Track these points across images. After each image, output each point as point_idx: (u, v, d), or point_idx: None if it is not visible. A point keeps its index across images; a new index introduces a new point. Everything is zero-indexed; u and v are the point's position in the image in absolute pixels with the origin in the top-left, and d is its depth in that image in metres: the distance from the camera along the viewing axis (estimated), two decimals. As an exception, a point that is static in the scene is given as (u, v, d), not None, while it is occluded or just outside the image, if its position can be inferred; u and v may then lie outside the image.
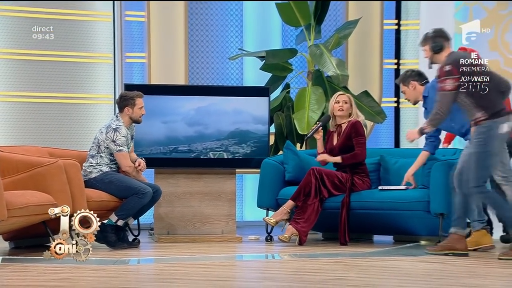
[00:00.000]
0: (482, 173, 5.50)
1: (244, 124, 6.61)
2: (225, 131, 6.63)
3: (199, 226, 6.64)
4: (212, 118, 6.61)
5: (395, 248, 6.19)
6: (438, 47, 5.60)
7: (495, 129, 5.46)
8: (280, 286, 4.34)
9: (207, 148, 6.57)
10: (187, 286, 4.24)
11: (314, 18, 7.62)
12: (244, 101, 6.73)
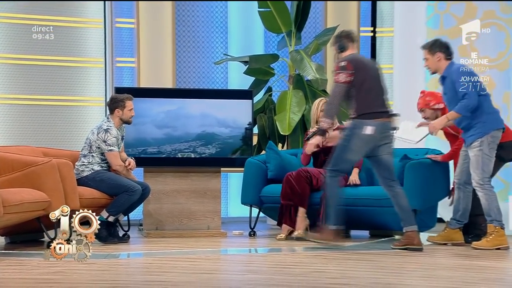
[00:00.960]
0: (342, 166, 5.64)
1: (209, 127, 6.64)
2: (193, 133, 6.65)
3: (186, 222, 6.64)
4: (181, 121, 6.63)
5: (371, 242, 6.22)
6: (342, 47, 5.72)
7: (359, 129, 5.56)
8: (262, 279, 4.36)
9: (176, 149, 6.59)
10: (175, 278, 4.25)
11: (294, 25, 7.64)
12: (228, 104, 6.73)
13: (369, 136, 5.55)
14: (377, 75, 5.68)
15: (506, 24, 7.16)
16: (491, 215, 5.66)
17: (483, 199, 5.67)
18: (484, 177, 5.64)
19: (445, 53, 5.78)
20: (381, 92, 5.66)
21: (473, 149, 5.68)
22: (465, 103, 5.59)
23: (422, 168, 6.13)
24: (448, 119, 5.69)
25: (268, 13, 7.63)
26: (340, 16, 8.02)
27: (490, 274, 4.64)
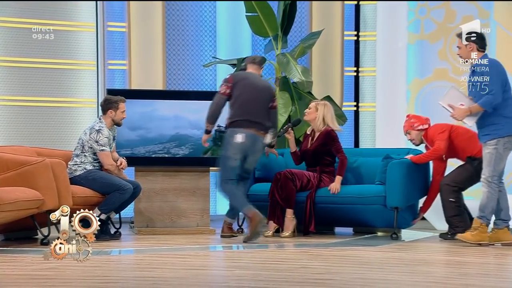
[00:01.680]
0: (224, 173, 5.98)
1: (182, 129, 6.62)
2: (167, 135, 6.64)
3: (176, 220, 6.63)
4: (155, 123, 6.60)
5: (355, 239, 6.23)
6: (243, 68, 6.28)
7: (231, 137, 5.92)
8: (249, 274, 4.35)
9: (150, 151, 6.56)
10: (165, 274, 4.24)
11: (281, 29, 7.65)
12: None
13: (241, 144, 5.93)
14: (259, 94, 6.03)
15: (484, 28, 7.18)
16: (484, 212, 5.63)
17: (484, 195, 5.63)
18: (493, 175, 5.60)
19: (478, 44, 5.68)
20: (259, 108, 6.00)
21: (488, 146, 5.63)
22: (490, 99, 5.54)
23: (403, 168, 6.15)
24: (471, 111, 5.60)
25: (256, 18, 7.63)
26: (324, 20, 8.03)
27: (469, 269, 4.66)
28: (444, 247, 5.70)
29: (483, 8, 7.21)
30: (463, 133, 6.18)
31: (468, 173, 6.09)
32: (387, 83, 7.67)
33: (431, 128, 6.21)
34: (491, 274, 4.65)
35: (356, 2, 8.20)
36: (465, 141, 6.13)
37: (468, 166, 6.12)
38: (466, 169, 6.12)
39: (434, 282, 4.10)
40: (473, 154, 6.08)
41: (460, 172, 6.14)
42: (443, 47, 7.37)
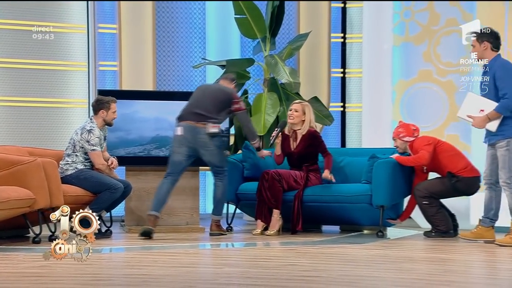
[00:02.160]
0: (170, 169, 6.06)
1: (163, 130, 6.58)
2: (148, 137, 6.60)
3: (166, 218, 6.61)
4: (135, 125, 6.55)
5: (341, 237, 6.24)
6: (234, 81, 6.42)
7: (174, 132, 6.03)
8: (238, 272, 4.35)
9: (130, 153, 6.51)
10: (155, 272, 4.23)
11: (269, 31, 7.65)
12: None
13: (180, 136, 6.02)
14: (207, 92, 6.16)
15: (467, 31, 7.22)
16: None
17: (509, 198, 5.55)
18: (510, 175, 5.53)
19: (493, 44, 5.58)
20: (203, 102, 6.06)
21: (500, 149, 5.57)
22: (505, 103, 5.46)
23: (389, 167, 6.16)
24: (489, 118, 5.52)
25: (244, 20, 7.63)
26: (312, 23, 8.04)
27: (452, 266, 4.68)
28: (428, 244, 5.73)
29: (466, 11, 7.24)
30: (447, 150, 6.19)
31: (443, 187, 6.12)
32: (373, 84, 7.69)
33: (417, 140, 6.20)
34: (474, 271, 4.67)
35: (342, 5, 8.22)
36: (448, 157, 6.15)
37: (445, 180, 6.14)
38: (442, 183, 6.14)
39: (419, 279, 4.11)
40: (455, 171, 6.11)
41: (436, 184, 6.16)
42: (427, 49, 7.40)
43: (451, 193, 6.18)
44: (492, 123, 5.52)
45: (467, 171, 6.11)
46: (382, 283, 3.97)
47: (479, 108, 5.54)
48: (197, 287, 3.78)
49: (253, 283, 3.90)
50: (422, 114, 7.33)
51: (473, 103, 5.60)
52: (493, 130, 5.54)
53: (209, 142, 6.02)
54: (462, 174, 6.09)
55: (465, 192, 6.22)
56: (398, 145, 6.29)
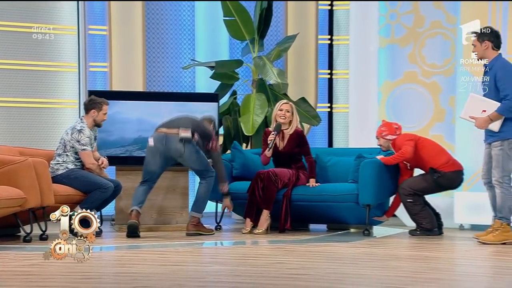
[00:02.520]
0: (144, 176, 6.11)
1: (145, 132, 6.55)
2: (130, 138, 6.56)
3: (156, 217, 6.60)
4: (117, 126, 6.48)
5: (328, 235, 6.25)
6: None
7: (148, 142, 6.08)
8: (227, 270, 4.35)
9: (112, 154, 6.42)
10: (145, 270, 4.22)
11: (257, 33, 7.65)
12: (195, 106, 6.70)
13: (152, 147, 6.03)
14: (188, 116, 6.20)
15: (451, 33, 7.24)
16: (502, 212, 5.54)
17: (499, 196, 5.55)
18: (504, 175, 5.52)
19: (494, 43, 5.54)
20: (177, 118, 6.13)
21: (494, 148, 5.56)
22: (507, 104, 5.44)
23: (375, 167, 6.18)
24: (491, 119, 5.49)
25: (233, 22, 7.63)
26: (299, 25, 8.05)
27: (437, 264, 4.70)
28: (413, 242, 5.75)
29: (450, 14, 7.26)
30: (428, 146, 6.22)
31: (426, 184, 6.14)
32: (360, 85, 7.70)
33: (399, 137, 6.26)
34: (458, 268, 4.69)
35: (329, 7, 8.23)
36: (429, 153, 6.18)
37: (428, 176, 6.17)
38: (425, 179, 6.16)
39: (404, 276, 4.12)
40: (436, 166, 6.14)
41: (419, 181, 6.19)
42: (412, 51, 7.42)
43: (435, 189, 6.21)
44: (494, 124, 5.51)
45: (448, 165, 6.15)
46: (368, 280, 3.98)
47: (481, 109, 5.53)
48: (186, 285, 3.77)
49: (241, 281, 3.90)
50: (408, 114, 7.35)
51: (475, 104, 5.58)
52: (496, 131, 5.52)
53: (182, 149, 6.00)
54: (444, 169, 6.13)
55: (449, 186, 6.25)
56: (381, 143, 6.32)
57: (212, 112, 6.69)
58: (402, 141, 6.20)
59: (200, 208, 6.12)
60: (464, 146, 6.81)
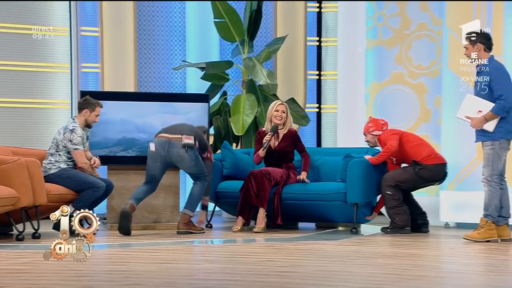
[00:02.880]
0: (146, 179, 6.11)
1: (129, 133, 6.53)
2: (113, 139, 6.48)
3: (148, 216, 6.59)
4: (100, 127, 6.32)
5: (317, 234, 6.26)
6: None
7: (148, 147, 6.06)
8: (217, 267, 4.35)
9: (96, 155, 6.25)
10: (136, 268, 4.21)
11: (247, 34, 7.65)
12: (187, 107, 6.68)
13: (153, 152, 6.01)
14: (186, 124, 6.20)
15: (437, 35, 7.26)
16: (488, 210, 5.54)
17: (486, 194, 5.54)
18: (493, 174, 5.51)
19: (485, 44, 5.53)
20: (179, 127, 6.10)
21: (485, 147, 5.55)
22: (502, 104, 5.43)
23: (363, 166, 6.20)
24: (486, 119, 5.47)
25: (223, 24, 7.63)
26: (288, 26, 8.05)
27: (423, 261, 4.72)
28: (400, 240, 5.76)
29: (436, 16, 7.29)
30: (412, 140, 6.26)
31: (407, 175, 6.16)
32: (348, 86, 7.71)
33: (383, 133, 6.30)
34: (444, 266, 4.71)
35: (318, 9, 8.25)
36: (412, 147, 6.21)
37: (409, 169, 6.20)
38: (406, 171, 6.19)
39: (391, 273, 4.14)
40: (419, 159, 6.16)
41: (400, 173, 6.21)
42: (399, 53, 7.44)
43: (418, 182, 6.20)
44: (489, 124, 5.50)
45: (431, 158, 6.17)
46: (356, 278, 3.99)
47: (477, 109, 5.51)
48: (177, 283, 3.77)
49: (231, 279, 3.90)
50: (395, 115, 7.36)
51: (471, 104, 5.56)
52: (491, 131, 5.50)
53: (185, 155, 5.98)
54: (426, 162, 6.16)
55: (431, 179, 6.25)
56: (368, 139, 6.36)
57: (203, 112, 6.68)
58: (387, 136, 6.24)
59: (192, 206, 6.12)
60: (449, 146, 6.84)
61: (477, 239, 5.53)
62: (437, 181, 6.34)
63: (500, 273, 4.41)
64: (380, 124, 6.34)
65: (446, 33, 6.95)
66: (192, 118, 6.51)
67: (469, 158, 6.71)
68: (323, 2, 8.21)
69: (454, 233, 6.36)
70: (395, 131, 6.32)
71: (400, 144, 6.20)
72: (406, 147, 6.23)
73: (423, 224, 6.31)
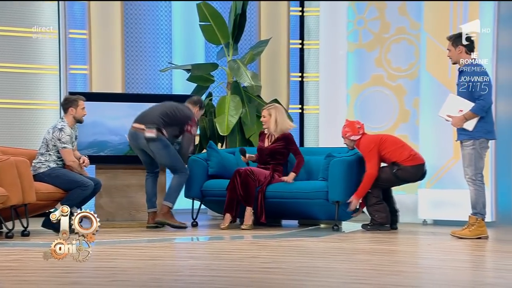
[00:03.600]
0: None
1: (100, 135, 6.49)
2: (85, 142, 6.44)
3: (135, 214, 6.57)
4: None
5: (300, 231, 6.26)
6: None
7: None
8: (202, 264, 4.34)
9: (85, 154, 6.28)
10: (123, 264, 4.19)
11: (232, 37, 7.64)
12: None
13: (129, 142, 6.28)
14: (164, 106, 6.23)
15: (415, 39, 7.29)
16: (476, 208, 5.55)
17: (472, 193, 5.55)
18: (476, 173, 5.53)
19: (467, 47, 5.55)
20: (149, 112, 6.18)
21: (466, 148, 5.56)
22: (481, 104, 5.45)
23: (344, 165, 6.21)
24: (466, 118, 5.48)
25: (208, 27, 7.62)
26: (272, 30, 8.06)
27: (402, 257, 4.74)
28: (379, 237, 5.78)
29: (414, 20, 7.32)
30: (390, 146, 6.21)
31: (385, 175, 6.17)
32: (329, 88, 7.73)
33: (362, 142, 6.23)
34: (422, 261, 4.73)
35: (300, 13, 8.26)
36: (391, 152, 6.19)
37: (387, 169, 6.21)
38: (384, 171, 6.20)
39: (371, 269, 4.15)
40: (398, 161, 6.17)
41: (379, 173, 6.20)
42: (379, 55, 7.46)
43: (395, 182, 6.21)
44: (469, 123, 5.51)
45: (409, 160, 6.17)
46: (337, 273, 3.99)
47: (459, 109, 5.54)
48: (162, 279, 3.75)
49: (216, 275, 3.89)
50: (375, 115, 7.39)
51: (453, 103, 5.58)
52: (470, 130, 5.52)
53: (149, 146, 6.10)
54: (404, 164, 6.16)
55: (410, 179, 6.26)
56: (346, 143, 6.36)
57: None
58: (365, 149, 6.17)
59: (171, 198, 6.17)
60: (427, 146, 6.87)
61: (468, 236, 5.54)
62: (416, 180, 6.36)
63: (477, 268, 4.44)
64: (356, 128, 6.29)
65: (424, 36, 6.99)
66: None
67: (446, 158, 6.75)
68: (306, 6, 8.23)
69: (432, 230, 6.40)
70: (372, 143, 6.18)
71: (378, 151, 6.18)
72: (383, 152, 6.19)
73: (393, 221, 6.31)
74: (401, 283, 3.68)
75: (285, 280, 3.73)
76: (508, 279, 3.80)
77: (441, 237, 5.78)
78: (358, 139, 6.27)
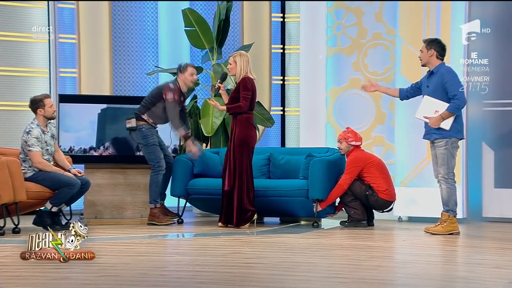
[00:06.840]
0: None
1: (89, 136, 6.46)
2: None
3: (122, 211, 6.54)
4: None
5: (281, 227, 6.27)
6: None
7: None
8: (188, 259, 4.34)
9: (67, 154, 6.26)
10: (111, 260, 4.18)
11: (216, 42, 7.64)
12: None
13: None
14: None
15: (390, 44, 7.33)
16: (448, 205, 5.58)
17: (444, 191, 5.57)
18: (449, 172, 5.55)
19: (439, 52, 5.62)
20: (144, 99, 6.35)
21: (439, 148, 5.58)
22: (456, 103, 5.49)
23: (323, 165, 6.22)
24: (443, 118, 5.51)
25: (193, 32, 7.60)
26: (254, 35, 8.06)
27: (378, 252, 4.76)
28: (357, 233, 5.81)
29: (390, 27, 7.37)
30: (375, 171, 6.14)
31: (358, 190, 6.12)
32: (309, 91, 7.75)
33: (354, 153, 6.20)
34: (398, 256, 4.76)
35: (282, 19, 8.28)
36: (373, 177, 6.13)
37: (362, 187, 6.11)
38: (359, 187, 6.12)
39: (348, 264, 4.17)
40: (374, 188, 6.11)
41: (355, 184, 6.14)
42: (356, 60, 7.50)
43: (363, 200, 6.17)
44: (446, 122, 5.55)
45: (384, 193, 6.14)
46: (317, 268, 4.01)
47: (434, 110, 5.57)
48: (149, 274, 3.74)
49: (201, 270, 3.89)
50: (353, 117, 7.42)
51: (428, 105, 5.61)
52: (447, 129, 5.55)
53: (133, 137, 6.32)
54: (378, 194, 6.13)
55: (375, 207, 6.24)
56: (342, 147, 6.26)
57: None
58: (352, 162, 6.14)
59: (150, 197, 6.23)
60: (402, 146, 6.92)
61: (441, 232, 5.56)
62: (378, 210, 6.28)
63: (449, 262, 4.48)
64: (359, 137, 6.27)
65: (399, 42, 7.04)
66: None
67: (420, 157, 6.80)
68: (287, 13, 8.25)
69: (406, 226, 6.44)
70: (359, 162, 6.12)
71: (361, 170, 6.14)
72: (365, 174, 6.14)
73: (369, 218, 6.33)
74: (377, 277, 3.70)
75: (267, 274, 3.74)
76: (478, 273, 3.84)
77: (415, 233, 5.81)
78: (352, 149, 6.24)
